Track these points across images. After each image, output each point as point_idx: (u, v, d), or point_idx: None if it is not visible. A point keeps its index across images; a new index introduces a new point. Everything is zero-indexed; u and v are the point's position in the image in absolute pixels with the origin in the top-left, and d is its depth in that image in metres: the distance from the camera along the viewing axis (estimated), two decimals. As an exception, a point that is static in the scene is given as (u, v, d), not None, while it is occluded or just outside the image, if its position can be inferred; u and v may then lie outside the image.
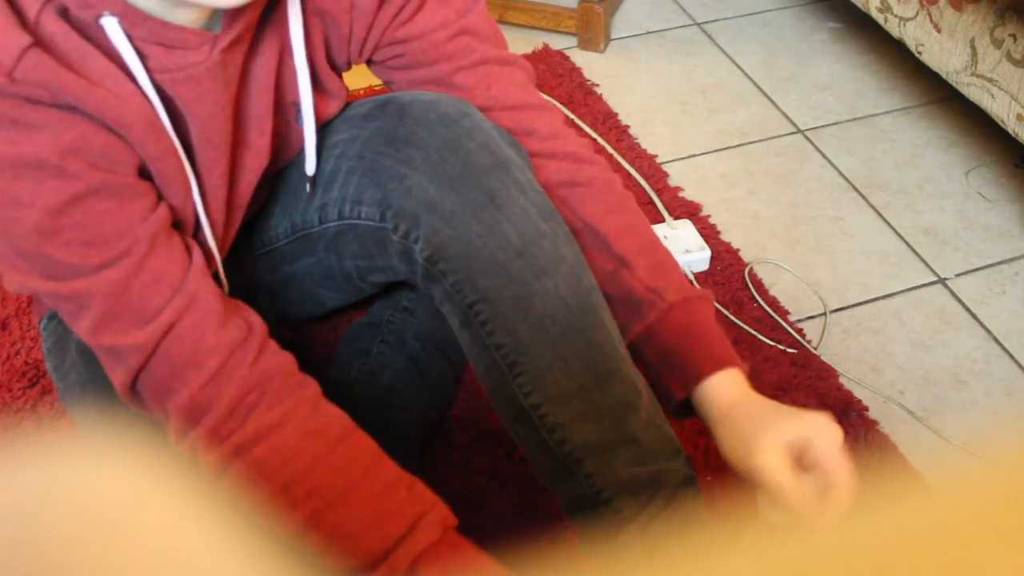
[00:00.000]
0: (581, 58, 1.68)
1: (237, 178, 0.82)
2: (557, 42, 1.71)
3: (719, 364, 0.80)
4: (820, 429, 0.74)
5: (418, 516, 0.72)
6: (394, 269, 0.84)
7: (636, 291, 0.83)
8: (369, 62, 0.88)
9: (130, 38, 0.68)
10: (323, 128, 0.88)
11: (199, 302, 0.73)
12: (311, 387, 0.76)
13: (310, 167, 0.86)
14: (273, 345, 0.77)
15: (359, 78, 1.52)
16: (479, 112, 0.82)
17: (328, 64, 0.84)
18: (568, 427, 0.78)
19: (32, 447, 0.24)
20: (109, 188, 0.69)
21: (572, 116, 1.53)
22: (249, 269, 0.98)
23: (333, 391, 1.02)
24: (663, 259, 0.85)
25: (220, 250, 0.84)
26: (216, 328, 0.73)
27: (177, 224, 0.77)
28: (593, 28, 1.68)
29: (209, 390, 0.72)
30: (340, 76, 0.87)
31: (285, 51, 0.78)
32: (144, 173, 0.73)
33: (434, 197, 0.77)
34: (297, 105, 0.82)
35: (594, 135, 1.49)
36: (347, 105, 0.90)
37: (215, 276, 0.87)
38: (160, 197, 0.75)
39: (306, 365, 1.12)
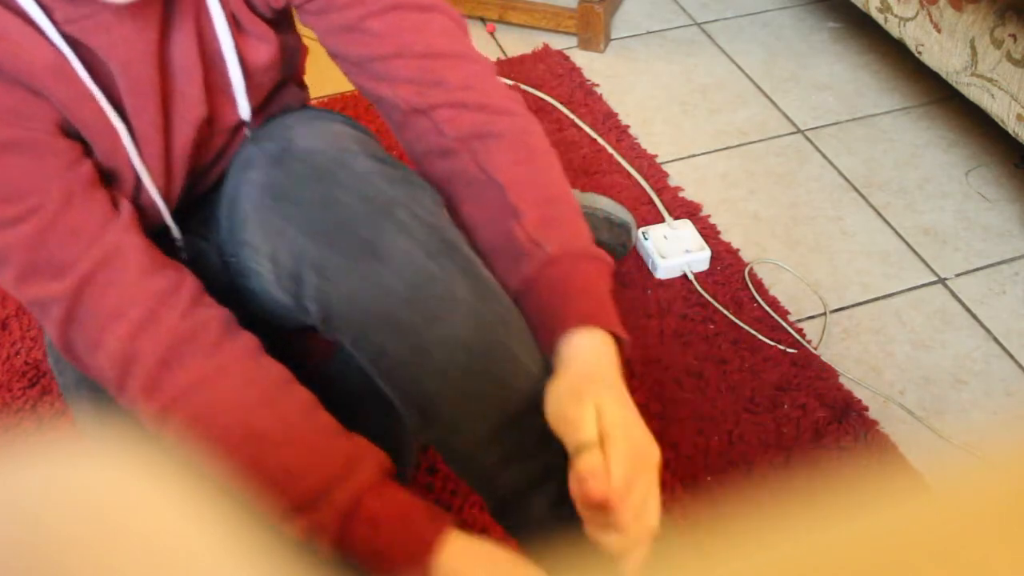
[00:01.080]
0: (581, 58, 1.68)
1: (174, 129, 0.82)
2: (557, 42, 1.71)
3: (581, 321, 0.74)
4: (637, 435, 0.68)
5: (357, 458, 0.72)
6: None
7: (520, 242, 0.79)
8: (296, 8, 0.87)
9: None
10: (242, 147, 0.87)
11: (120, 253, 0.73)
12: (251, 340, 0.76)
13: (244, 111, 0.86)
14: (209, 299, 0.76)
15: (326, 84, 1.52)
16: (361, 155, 0.80)
17: (248, 9, 0.84)
18: (493, 470, 0.77)
19: (32, 447, 0.24)
20: (21, 144, 0.70)
21: (572, 116, 1.53)
22: (234, 263, 0.99)
23: (332, 389, 1.02)
24: (560, 213, 0.80)
25: (166, 200, 0.84)
26: (139, 278, 0.73)
27: (110, 179, 0.77)
28: (593, 28, 1.68)
29: (137, 340, 0.72)
30: (266, 22, 0.86)
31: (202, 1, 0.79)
32: (66, 130, 0.74)
33: (313, 255, 0.76)
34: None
35: (594, 135, 1.49)
36: (267, 125, 0.88)
37: (164, 230, 0.86)
38: (87, 154, 0.75)
39: (305, 364, 1.12)
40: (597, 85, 1.61)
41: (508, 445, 0.76)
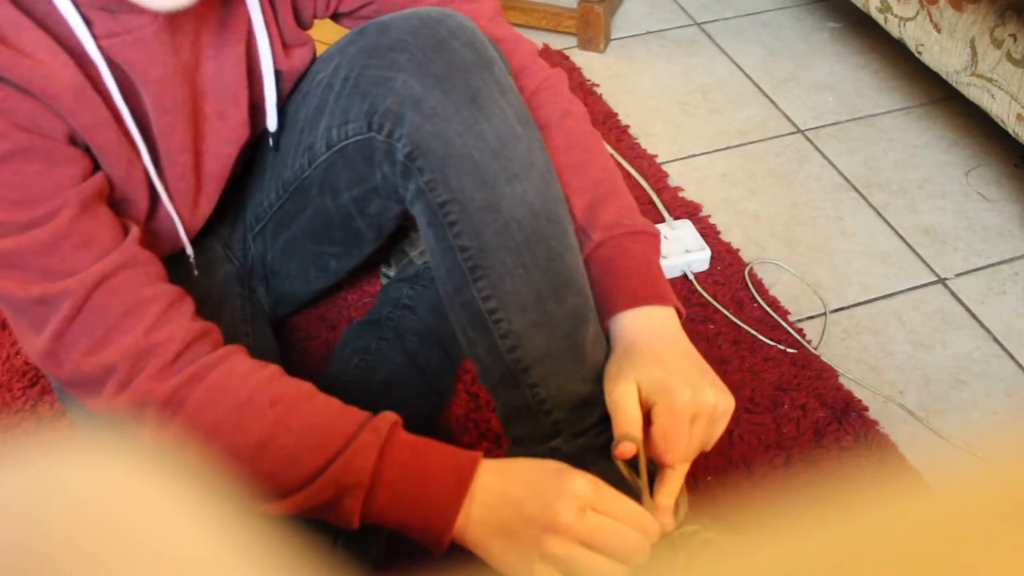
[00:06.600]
0: (581, 58, 1.68)
1: (206, 149, 0.83)
2: (557, 42, 1.71)
3: (627, 303, 0.81)
4: (676, 392, 0.74)
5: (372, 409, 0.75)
6: (386, 180, 0.84)
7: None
8: (337, 16, 0.90)
9: (76, 5, 0.69)
10: (303, 76, 0.90)
11: (137, 261, 0.75)
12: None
13: (271, 123, 0.88)
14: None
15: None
16: (461, 14, 0.83)
17: (295, 22, 0.86)
18: (521, 335, 0.79)
19: (32, 447, 0.24)
20: (38, 150, 0.71)
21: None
22: (241, 258, 1.00)
23: (331, 386, 1.03)
24: (604, 195, 0.86)
25: (189, 222, 0.85)
26: (151, 284, 0.75)
27: (122, 202, 0.78)
28: (593, 28, 1.68)
29: (154, 335, 0.73)
30: (305, 30, 0.90)
31: (252, 22, 0.81)
32: (76, 141, 0.75)
33: (419, 94, 0.78)
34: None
35: (594, 135, 1.49)
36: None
37: (182, 254, 0.88)
38: (96, 168, 0.76)
39: (306, 364, 1.12)
40: (597, 85, 1.61)
41: (541, 312, 0.79)
